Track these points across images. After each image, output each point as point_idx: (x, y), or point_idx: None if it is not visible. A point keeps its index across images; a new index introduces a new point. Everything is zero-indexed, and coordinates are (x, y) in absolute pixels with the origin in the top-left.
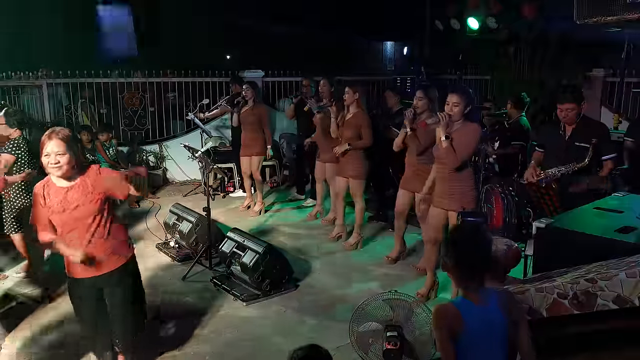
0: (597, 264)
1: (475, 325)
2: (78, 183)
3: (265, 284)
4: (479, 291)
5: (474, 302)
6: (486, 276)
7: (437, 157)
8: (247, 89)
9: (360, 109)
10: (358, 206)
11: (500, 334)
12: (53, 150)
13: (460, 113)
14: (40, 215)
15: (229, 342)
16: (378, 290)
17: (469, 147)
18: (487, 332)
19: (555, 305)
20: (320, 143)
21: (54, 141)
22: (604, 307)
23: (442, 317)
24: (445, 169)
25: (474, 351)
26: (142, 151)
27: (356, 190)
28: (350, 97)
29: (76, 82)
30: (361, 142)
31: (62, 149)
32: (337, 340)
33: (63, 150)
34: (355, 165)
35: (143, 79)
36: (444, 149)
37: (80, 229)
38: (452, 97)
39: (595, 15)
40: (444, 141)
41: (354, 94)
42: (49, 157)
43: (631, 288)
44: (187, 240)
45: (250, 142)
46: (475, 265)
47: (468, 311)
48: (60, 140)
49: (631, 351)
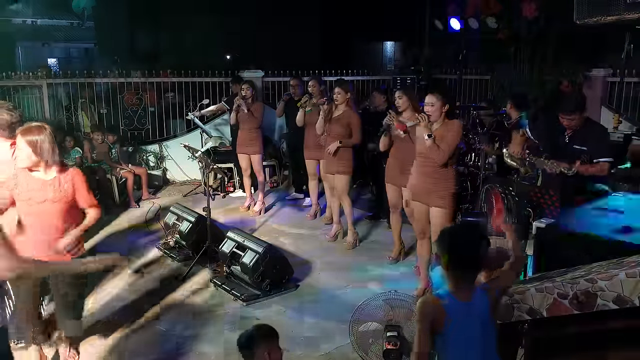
0: (597, 264)
1: (458, 321)
2: (54, 178)
3: (265, 284)
4: (467, 288)
5: (459, 298)
6: (477, 275)
7: (419, 153)
8: (247, 88)
9: (349, 107)
10: (344, 203)
11: (483, 331)
12: (17, 144)
13: (439, 112)
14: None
15: (229, 342)
16: (378, 290)
17: (452, 143)
18: (471, 328)
19: (555, 305)
20: (309, 141)
21: (18, 137)
22: (604, 307)
23: (425, 311)
24: (427, 165)
25: (457, 346)
26: (142, 151)
27: (341, 187)
28: (342, 97)
29: (76, 82)
30: (352, 140)
31: (22, 145)
32: (337, 340)
33: (22, 146)
34: (341, 162)
35: (143, 79)
36: (429, 147)
37: (43, 222)
38: (429, 97)
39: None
40: (427, 140)
41: (345, 94)
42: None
43: (631, 288)
44: (187, 240)
45: (247, 141)
46: (465, 264)
47: (452, 306)
48: (22, 138)
49: (631, 351)
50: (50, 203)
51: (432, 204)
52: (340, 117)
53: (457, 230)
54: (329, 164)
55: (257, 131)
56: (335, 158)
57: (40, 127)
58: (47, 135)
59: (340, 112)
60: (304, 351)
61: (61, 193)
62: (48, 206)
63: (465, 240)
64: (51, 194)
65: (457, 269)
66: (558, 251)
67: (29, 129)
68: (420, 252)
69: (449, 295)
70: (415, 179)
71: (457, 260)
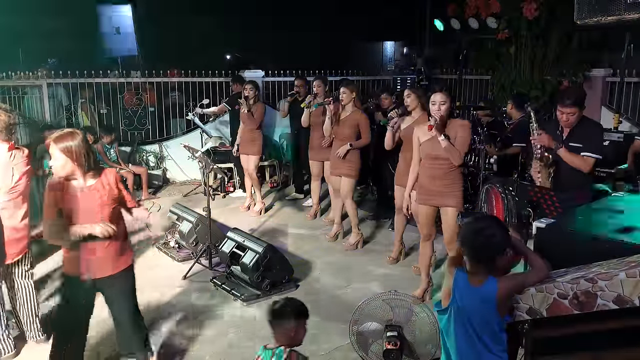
0: (597, 264)
1: (461, 299)
2: (93, 186)
3: (265, 284)
4: (480, 275)
5: (471, 282)
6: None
7: (427, 156)
8: (251, 88)
9: (357, 107)
10: (348, 205)
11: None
12: (51, 153)
13: (449, 110)
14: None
15: (229, 342)
16: (378, 290)
17: (466, 142)
18: (472, 312)
19: (555, 305)
20: (315, 142)
21: (51, 146)
22: (604, 307)
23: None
24: (438, 167)
25: (456, 326)
26: (142, 151)
27: (346, 189)
28: (347, 97)
29: (76, 82)
30: (361, 141)
31: (56, 154)
32: (337, 340)
33: (57, 155)
34: (349, 164)
35: (143, 79)
36: (446, 148)
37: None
38: (437, 96)
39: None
40: (442, 140)
41: (351, 93)
42: (50, 160)
43: (631, 288)
44: (187, 240)
45: (248, 141)
46: (476, 250)
47: (462, 285)
48: (55, 146)
49: (631, 351)
50: (94, 210)
51: (446, 204)
52: (348, 118)
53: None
54: (335, 165)
55: (257, 132)
56: (342, 160)
57: (73, 133)
58: (81, 141)
59: (348, 114)
60: (304, 351)
61: (103, 198)
62: (92, 214)
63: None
64: (94, 201)
65: (468, 253)
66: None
67: (61, 136)
68: (423, 253)
69: (463, 274)
70: (425, 182)
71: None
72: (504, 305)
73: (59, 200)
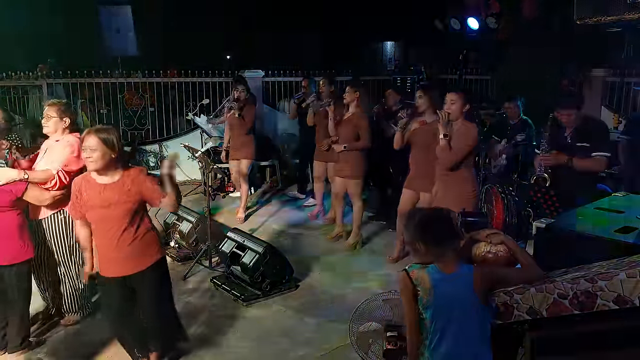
0: (597, 264)
1: (443, 292)
2: (117, 182)
3: (265, 284)
4: (450, 262)
5: (444, 271)
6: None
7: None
8: (242, 90)
9: (359, 109)
10: (356, 206)
11: (470, 302)
12: (88, 145)
13: (459, 111)
14: (76, 208)
15: (229, 343)
16: (378, 290)
17: (464, 147)
18: (457, 300)
19: (555, 305)
20: (319, 142)
21: (90, 136)
22: (604, 307)
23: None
24: (443, 170)
25: (444, 317)
26: (142, 151)
27: (354, 190)
28: (350, 96)
29: (76, 82)
30: (359, 144)
31: (95, 144)
32: (337, 341)
33: (96, 146)
34: (353, 166)
35: (143, 79)
36: (440, 147)
37: (112, 227)
38: (450, 95)
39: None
40: (441, 139)
41: (354, 93)
42: (85, 152)
43: (631, 288)
44: (187, 240)
45: (237, 145)
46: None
47: (437, 277)
48: (95, 136)
49: (631, 351)
50: (117, 206)
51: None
52: (349, 119)
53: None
54: (340, 167)
55: (248, 136)
56: (346, 161)
57: (110, 128)
58: (118, 136)
59: (350, 114)
60: (304, 351)
61: (127, 195)
62: (115, 210)
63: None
64: (117, 196)
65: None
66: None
67: (100, 129)
68: None
69: (434, 268)
70: (436, 185)
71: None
72: (482, 293)
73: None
